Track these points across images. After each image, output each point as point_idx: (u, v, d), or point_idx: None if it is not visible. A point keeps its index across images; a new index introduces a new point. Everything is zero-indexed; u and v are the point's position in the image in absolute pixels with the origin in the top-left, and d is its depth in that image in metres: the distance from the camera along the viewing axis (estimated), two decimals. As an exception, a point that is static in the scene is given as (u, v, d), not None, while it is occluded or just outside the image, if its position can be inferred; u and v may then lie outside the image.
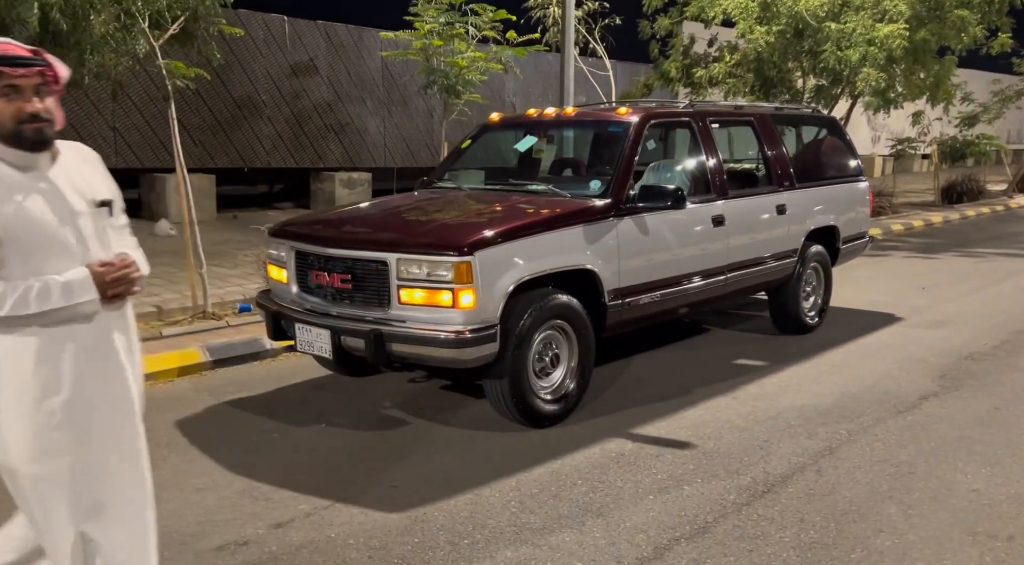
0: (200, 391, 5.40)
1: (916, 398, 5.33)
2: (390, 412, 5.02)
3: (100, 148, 12.85)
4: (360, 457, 4.31)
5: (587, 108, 6.44)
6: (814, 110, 7.76)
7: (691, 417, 4.94)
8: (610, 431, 4.68)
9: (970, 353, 6.43)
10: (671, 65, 13.92)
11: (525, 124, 6.12)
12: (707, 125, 5.92)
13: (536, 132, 6.01)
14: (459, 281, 4.21)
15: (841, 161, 7.50)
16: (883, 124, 27.47)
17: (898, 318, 7.68)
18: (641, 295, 5.21)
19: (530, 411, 4.60)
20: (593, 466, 4.19)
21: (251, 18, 14.17)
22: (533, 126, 6.06)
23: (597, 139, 5.93)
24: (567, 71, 9.26)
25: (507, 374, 4.46)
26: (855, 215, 7.49)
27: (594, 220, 4.91)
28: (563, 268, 4.68)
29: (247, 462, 4.21)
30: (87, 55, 6.74)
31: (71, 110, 12.49)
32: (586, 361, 4.90)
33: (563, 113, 5.91)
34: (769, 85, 13.18)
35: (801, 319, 6.88)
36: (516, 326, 4.45)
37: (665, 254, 5.36)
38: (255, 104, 14.35)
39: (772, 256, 6.38)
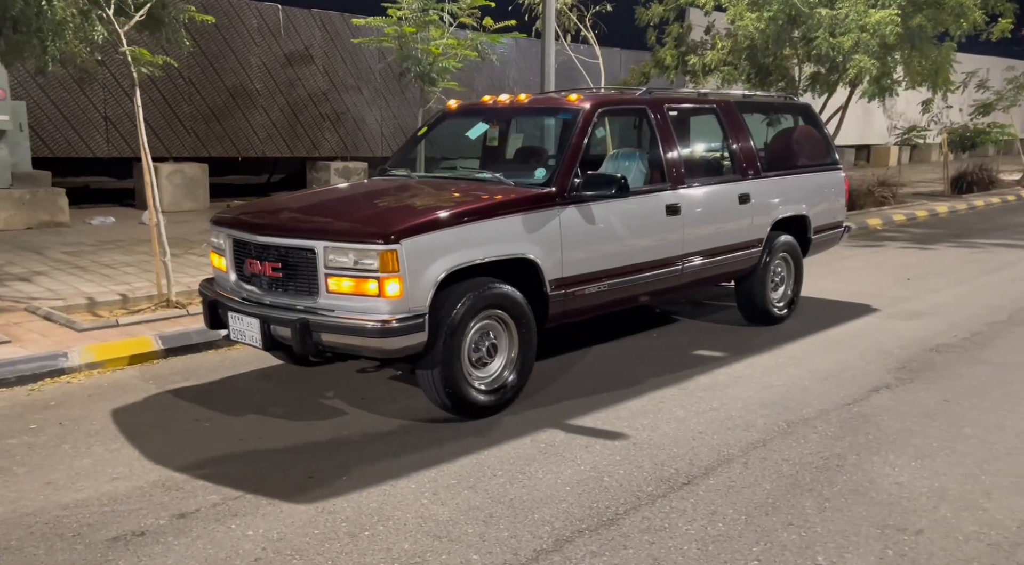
0: (146, 380, 5.40)
1: (867, 390, 5.23)
2: (331, 402, 5.00)
3: (92, 137, 12.97)
4: (286, 447, 4.29)
5: (543, 95, 6.36)
6: (786, 98, 7.63)
7: (633, 408, 4.88)
8: (546, 421, 4.63)
9: (937, 345, 6.31)
10: (666, 53, 13.78)
11: (482, 111, 6.05)
12: (664, 113, 5.82)
13: (490, 119, 5.94)
14: (385, 270, 4.17)
15: (814, 149, 7.37)
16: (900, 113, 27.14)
17: (874, 309, 7.56)
18: (587, 285, 5.14)
19: (463, 401, 4.55)
20: (518, 457, 4.14)
21: (245, 7, 14.17)
22: (488, 113, 6.00)
23: (546, 127, 5.85)
24: (547, 58, 9.17)
25: (438, 364, 4.42)
26: (829, 205, 7.36)
27: (534, 208, 4.84)
28: (499, 257, 4.62)
29: (171, 452, 4.20)
30: (48, 42, 6.72)
31: (63, 99, 12.57)
32: (526, 352, 4.84)
33: (516, 100, 5.83)
34: (764, 73, 13.00)
35: (769, 309, 6.78)
36: (448, 315, 4.41)
37: (613, 243, 5.29)
38: (249, 93, 14.36)
39: (734, 246, 6.29)
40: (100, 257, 9.15)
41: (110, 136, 13.17)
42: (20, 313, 6.66)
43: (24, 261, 8.82)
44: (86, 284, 7.70)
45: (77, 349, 5.63)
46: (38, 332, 6.09)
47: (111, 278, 8.00)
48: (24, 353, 5.56)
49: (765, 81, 13.03)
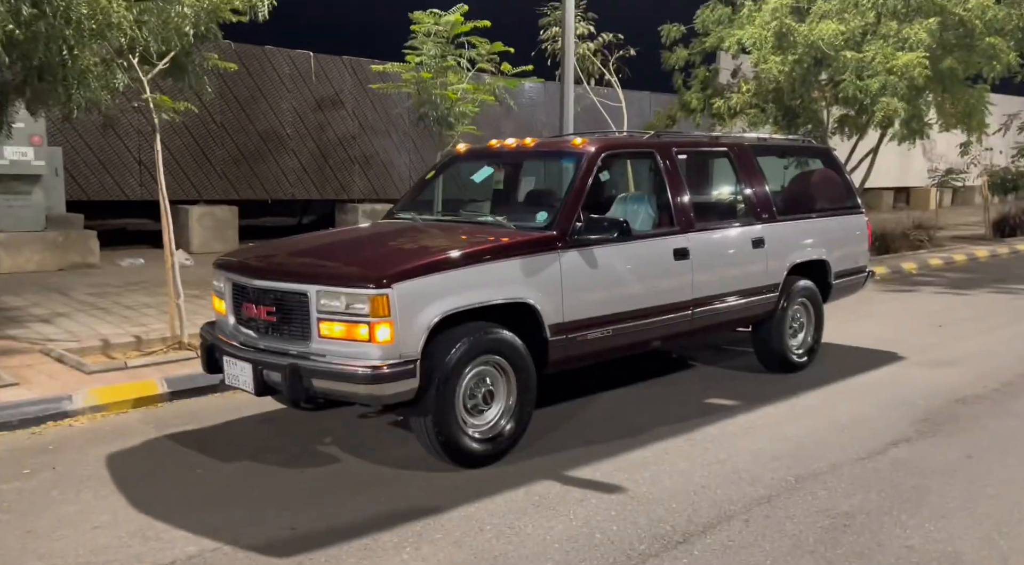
0: (147, 423, 5.37)
1: (885, 443, 5.00)
2: (327, 448, 4.91)
3: (127, 180, 13.25)
4: (274, 496, 4.19)
5: (550, 139, 6.30)
6: (805, 141, 7.49)
7: (635, 458, 4.71)
8: (543, 472, 4.48)
9: (964, 396, 6.04)
10: (692, 96, 13.73)
11: (489, 154, 6.02)
12: (673, 157, 5.73)
13: (496, 163, 5.91)
14: (376, 314, 4.10)
15: (835, 193, 7.20)
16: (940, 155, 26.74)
17: (901, 357, 7.30)
18: (589, 330, 5.02)
19: (457, 450, 4.43)
20: (509, 510, 4.00)
21: (277, 54, 14.47)
22: (496, 157, 5.97)
23: (550, 170, 5.79)
24: (567, 102, 9.16)
25: (430, 411, 4.31)
26: (850, 249, 7.17)
27: (534, 252, 4.75)
28: (495, 301, 4.53)
29: (158, 499, 4.13)
30: (73, 90, 6.84)
31: (99, 144, 12.88)
32: (525, 399, 4.72)
33: (522, 144, 5.79)
34: (792, 115, 12.86)
35: (787, 356, 6.58)
36: (442, 362, 4.31)
37: (617, 288, 5.17)
38: (280, 137, 14.59)
39: (748, 290, 6.12)
40: (123, 298, 9.25)
41: (143, 179, 13.43)
42: (35, 355, 6.71)
43: (49, 302, 8.95)
44: (104, 326, 7.77)
45: (81, 392, 5.63)
46: (48, 374, 6.12)
47: (130, 320, 8.06)
48: (29, 395, 5.57)
49: (792, 124, 12.89)
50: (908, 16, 11.48)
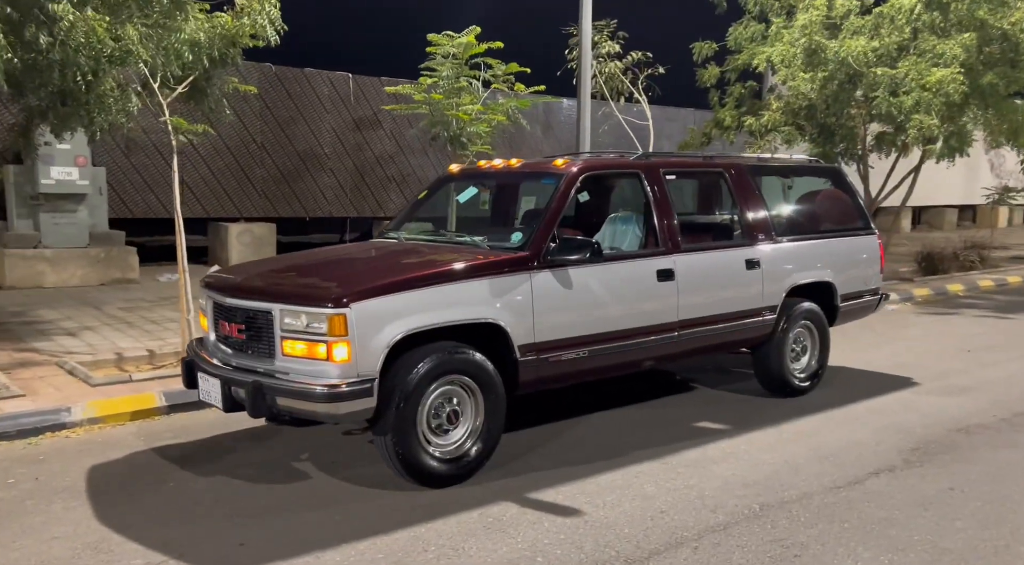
0: (139, 437, 5.53)
1: (867, 473, 4.85)
2: (302, 465, 4.98)
3: (169, 198, 13.64)
4: (235, 511, 4.28)
5: (537, 160, 6.31)
6: (813, 161, 7.33)
7: (603, 482, 4.67)
8: (506, 493, 4.47)
9: (969, 425, 5.83)
10: (725, 113, 13.58)
11: (478, 175, 6.07)
12: (660, 177, 5.68)
13: (482, 183, 5.95)
14: (333, 333, 4.17)
15: (843, 213, 7.04)
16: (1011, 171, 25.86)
17: (915, 383, 7.07)
18: (563, 351, 5.00)
19: (418, 470, 4.46)
20: (459, 532, 4.00)
21: (317, 76, 14.83)
22: (484, 177, 6.01)
23: (532, 191, 5.80)
24: (583, 122, 9.19)
25: (390, 430, 4.35)
26: (859, 271, 6.99)
27: (504, 273, 4.76)
28: (460, 321, 4.56)
29: (122, 512, 4.25)
30: (95, 114, 7.11)
31: (144, 164, 13.36)
32: (493, 420, 4.72)
33: (508, 164, 5.82)
34: (828, 133, 12.62)
35: (788, 380, 6.43)
36: (404, 381, 4.35)
37: (594, 309, 5.14)
38: (318, 156, 14.92)
39: (742, 313, 6.02)
40: (151, 313, 9.55)
41: (185, 198, 13.83)
42: (50, 367, 6.98)
43: (81, 316, 9.29)
44: (125, 339, 8.04)
45: (80, 404, 5.84)
46: (55, 386, 6.36)
47: (150, 334, 8.32)
48: (31, 407, 5.80)
49: (828, 141, 12.64)
50: (946, 31, 11.17)
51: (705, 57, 13.31)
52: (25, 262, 11.43)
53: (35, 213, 11.64)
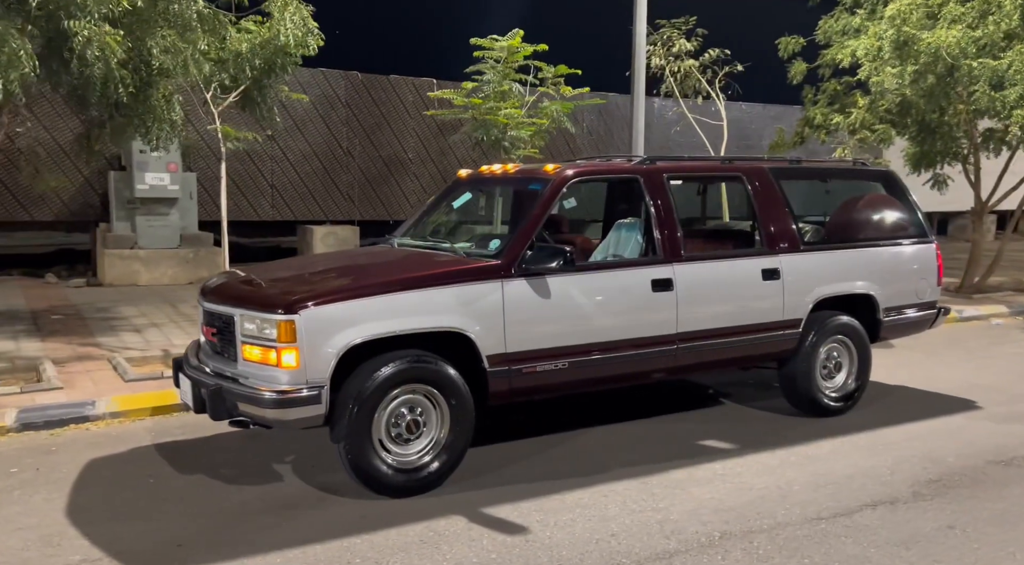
0: (149, 432, 5.76)
1: (862, 504, 4.44)
2: (281, 467, 5.05)
3: (259, 202, 14.30)
4: (195, 511, 4.36)
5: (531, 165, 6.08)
6: (860, 163, 6.78)
7: (568, 500, 4.48)
8: (461, 507, 4.37)
9: (1016, 457, 5.25)
10: (816, 111, 12.86)
11: (482, 180, 5.97)
12: (661, 183, 5.42)
13: (480, 188, 5.85)
14: (282, 340, 4.19)
15: (892, 220, 6.50)
16: None
17: (976, 407, 6.46)
18: (539, 362, 4.84)
19: (372, 479, 4.42)
20: (392, 545, 3.94)
21: (402, 83, 15.12)
22: (486, 183, 5.91)
23: (519, 196, 5.64)
24: (636, 122, 8.90)
25: (343, 438, 4.34)
26: (909, 283, 6.43)
27: (472, 281, 4.66)
28: (419, 330, 4.49)
29: (92, 506, 4.42)
30: (150, 124, 7.49)
31: (236, 170, 14.01)
32: (459, 431, 4.62)
33: (505, 170, 5.70)
34: (927, 131, 11.73)
35: (816, 399, 6.00)
36: (359, 388, 4.33)
37: (576, 319, 4.95)
38: (402, 161, 15.21)
39: (756, 326, 5.66)
40: (220, 313, 9.96)
41: (275, 201, 14.45)
42: (101, 361, 7.40)
43: (155, 313, 9.83)
44: (182, 336, 8.43)
45: (105, 399, 6.15)
46: (94, 380, 6.73)
47: (207, 333, 8.68)
48: (63, 399, 6.16)
49: (929, 139, 11.75)
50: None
51: (792, 52, 12.66)
52: (122, 261, 12.22)
53: (132, 216, 12.43)
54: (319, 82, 14.51)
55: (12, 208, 12.96)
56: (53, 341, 8.23)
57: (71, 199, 13.27)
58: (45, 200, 13.07)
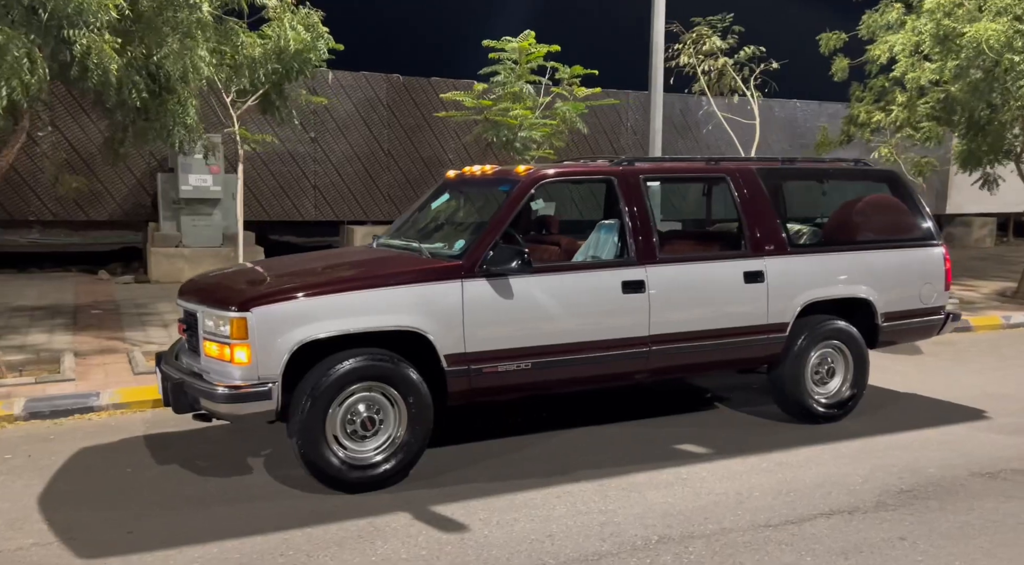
0: (144, 423, 5.98)
1: (818, 513, 4.33)
2: (255, 460, 5.18)
3: (303, 203, 14.67)
4: (158, 500, 4.53)
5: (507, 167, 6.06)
6: (860, 163, 6.55)
7: (519, 500, 4.50)
8: (410, 504, 4.42)
9: (1005, 469, 5.04)
10: (860, 109, 12.48)
11: (463, 181, 6.00)
12: (636, 184, 5.37)
13: (466, 190, 5.89)
14: (235, 336, 4.33)
15: (895, 222, 6.28)
16: None
17: (985, 416, 6.21)
18: (500, 363, 4.86)
19: (323, 474, 4.51)
20: (329, 539, 4.02)
21: (442, 85, 15.25)
22: (465, 184, 5.95)
23: (490, 197, 5.64)
24: (654, 122, 8.80)
25: (295, 433, 4.45)
26: (912, 287, 6.20)
27: (431, 280, 4.72)
28: (374, 329, 4.56)
29: (64, 493, 4.62)
30: (172, 128, 7.77)
31: (281, 171, 14.39)
32: (416, 431, 4.67)
33: (483, 171, 5.72)
34: (976, 128, 11.26)
35: (806, 405, 5.86)
36: (312, 384, 4.43)
37: (539, 320, 4.95)
38: (443, 163, 15.35)
39: (738, 330, 5.55)
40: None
41: (317, 202, 14.79)
42: (120, 355, 7.73)
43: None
44: (204, 334, 8.71)
45: (109, 391, 6.43)
46: (106, 373, 7.04)
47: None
48: (71, 390, 6.46)
49: (978, 137, 11.28)
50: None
51: (833, 48, 12.31)
52: (168, 259, 12.70)
53: (177, 216, 12.90)
54: (361, 85, 14.78)
55: (70, 208, 13.60)
56: (84, 334, 8.62)
57: (124, 199, 13.85)
58: (100, 200, 13.68)
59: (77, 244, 16.33)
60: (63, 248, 15.96)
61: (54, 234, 16.73)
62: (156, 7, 6.37)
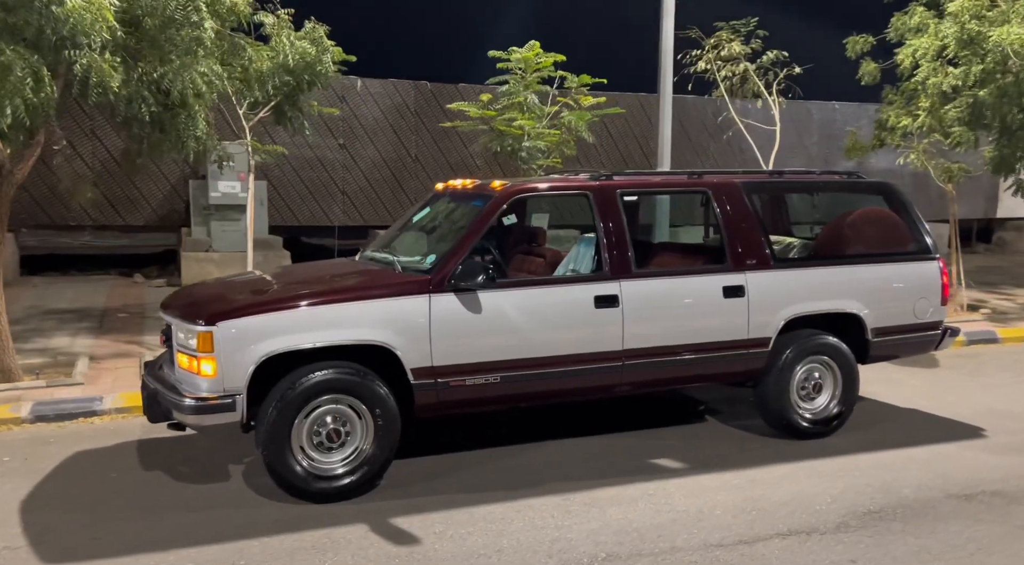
0: (143, 427, 6.11)
1: (772, 533, 4.30)
2: (234, 468, 5.32)
3: (331, 208, 14.92)
4: (131, 505, 4.68)
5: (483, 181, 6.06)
6: (854, 176, 6.42)
7: (479, 514, 4.55)
8: (370, 515, 4.50)
9: (985, 491, 4.92)
10: (889, 112, 12.18)
11: (447, 194, 6.05)
12: (611, 199, 5.37)
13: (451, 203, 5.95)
14: (201, 349, 4.47)
15: (887, 236, 6.16)
16: None
17: (982, 435, 6.07)
18: (468, 376, 4.92)
19: (290, 485, 4.63)
20: (282, 550, 4.10)
21: (470, 91, 15.35)
22: (447, 197, 6.00)
23: (464, 212, 5.67)
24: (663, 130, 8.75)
25: (260, 443, 4.58)
26: (905, 302, 6.08)
27: (398, 295, 4.80)
28: (340, 343, 4.66)
29: (48, 497, 4.81)
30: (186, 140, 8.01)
31: (310, 177, 14.66)
32: (383, 443, 4.76)
33: (464, 185, 5.79)
34: (1008, 133, 10.92)
35: (790, 420, 5.79)
36: (278, 397, 4.55)
37: (508, 335, 4.99)
38: (470, 168, 15.46)
39: (717, 345, 5.52)
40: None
41: (346, 207, 15.03)
42: (135, 359, 7.99)
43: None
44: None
45: (112, 395, 6.66)
46: (115, 377, 7.29)
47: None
48: (79, 394, 6.72)
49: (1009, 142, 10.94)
50: None
51: (861, 52, 12.05)
52: (198, 264, 13.04)
53: (208, 221, 13.25)
54: (389, 92, 14.98)
55: (108, 213, 14.08)
56: (105, 338, 8.94)
57: (159, 205, 14.28)
58: (137, 206, 14.12)
59: (124, 247, 16.87)
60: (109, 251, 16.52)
61: (104, 237, 17.32)
62: (159, 25, 6.57)
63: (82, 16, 5.56)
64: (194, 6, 6.50)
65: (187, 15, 6.50)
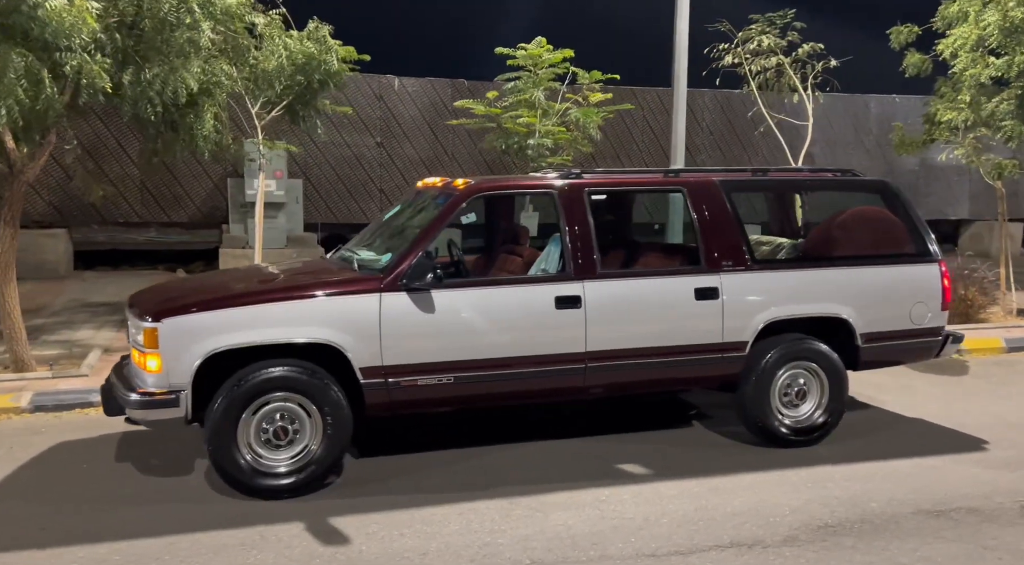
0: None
1: (712, 545, 4.13)
2: (200, 462, 5.36)
3: (368, 205, 15.09)
4: (87, 497, 4.76)
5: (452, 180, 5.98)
6: (848, 174, 6.10)
7: (421, 515, 4.49)
8: (310, 514, 4.50)
9: (964, 507, 4.64)
10: (937, 106, 11.61)
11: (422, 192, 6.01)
12: (577, 198, 5.25)
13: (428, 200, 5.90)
14: (147, 345, 4.54)
15: (883, 237, 5.85)
16: None
17: (977, 448, 5.73)
18: (420, 376, 4.88)
19: (235, 481, 4.66)
20: (209, 547, 4.11)
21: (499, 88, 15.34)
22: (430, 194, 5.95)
23: (426, 210, 5.59)
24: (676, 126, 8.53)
25: (208, 439, 4.62)
26: (901, 306, 5.78)
27: (348, 293, 4.79)
28: (287, 341, 4.67)
29: (17, 487, 4.94)
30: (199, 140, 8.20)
31: (347, 175, 14.86)
32: (332, 441, 4.75)
33: (433, 183, 5.73)
34: (1060, 128, 10.28)
35: (770, 427, 5.57)
36: (224, 393, 4.59)
37: (462, 335, 4.92)
38: (506, 166, 15.41)
39: (688, 348, 5.34)
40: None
41: (383, 205, 15.16)
42: (145, 354, 8.20)
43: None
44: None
45: (108, 388, 6.85)
46: (119, 371, 7.49)
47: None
48: (79, 385, 6.93)
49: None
50: None
51: (905, 42, 11.51)
52: (235, 260, 13.33)
53: (245, 218, 13.55)
54: (426, 90, 15.05)
55: (154, 210, 14.54)
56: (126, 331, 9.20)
57: (202, 203, 14.67)
58: (180, 203, 14.55)
59: (174, 243, 17.42)
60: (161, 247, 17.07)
61: (168, 233, 17.93)
62: (155, 28, 6.72)
63: (63, 19, 5.71)
64: (187, 8, 6.62)
65: (180, 17, 6.62)
